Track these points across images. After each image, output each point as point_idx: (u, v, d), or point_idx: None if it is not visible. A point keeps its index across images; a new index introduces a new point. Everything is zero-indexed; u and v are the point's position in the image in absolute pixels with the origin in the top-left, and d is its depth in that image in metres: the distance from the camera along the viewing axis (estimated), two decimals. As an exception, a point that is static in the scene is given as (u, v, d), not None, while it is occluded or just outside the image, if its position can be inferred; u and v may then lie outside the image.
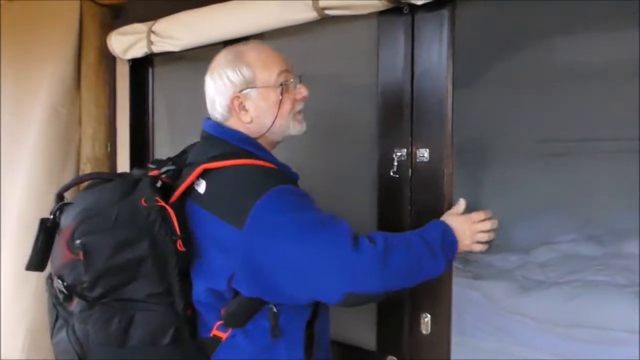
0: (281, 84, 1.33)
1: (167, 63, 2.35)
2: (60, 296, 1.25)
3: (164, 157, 1.43)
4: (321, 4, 1.60)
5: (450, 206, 1.51)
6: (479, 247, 1.37)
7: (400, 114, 1.59)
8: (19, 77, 2.43)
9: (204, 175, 1.25)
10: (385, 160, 1.62)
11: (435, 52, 1.54)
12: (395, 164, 1.58)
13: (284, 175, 1.29)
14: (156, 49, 2.10)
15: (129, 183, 1.26)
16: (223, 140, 1.32)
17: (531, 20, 3.16)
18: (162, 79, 2.39)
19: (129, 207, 1.20)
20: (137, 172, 1.38)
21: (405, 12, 1.55)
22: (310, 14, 1.64)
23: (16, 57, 2.46)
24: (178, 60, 2.26)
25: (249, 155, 1.29)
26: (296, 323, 1.31)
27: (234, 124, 1.35)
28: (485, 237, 1.36)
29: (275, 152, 1.41)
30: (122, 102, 2.38)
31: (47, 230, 1.30)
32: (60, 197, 1.35)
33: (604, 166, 4.09)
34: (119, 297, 1.20)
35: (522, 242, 3.95)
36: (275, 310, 1.25)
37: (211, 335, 1.28)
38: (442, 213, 1.49)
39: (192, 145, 1.45)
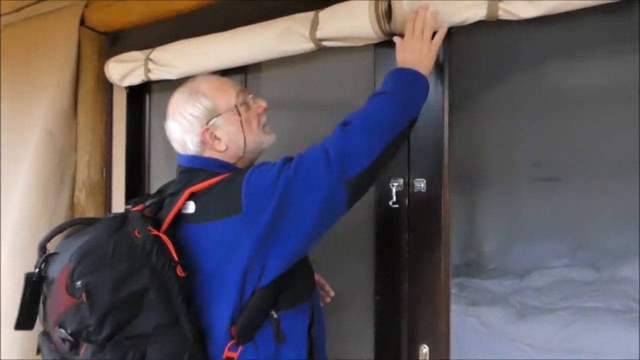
0: (241, 103, 1.35)
1: (164, 91, 2.36)
2: (66, 346, 1.20)
3: (159, 184, 1.45)
4: (318, 35, 1.62)
5: (448, 236, 1.52)
6: (434, 50, 1.38)
7: (397, 144, 1.60)
8: (17, 102, 2.44)
9: (192, 198, 1.26)
10: (383, 191, 1.62)
11: (431, 82, 1.55)
12: (394, 194, 1.59)
13: None
14: (153, 76, 2.11)
15: (117, 219, 1.26)
16: (202, 170, 1.33)
17: (525, 47, 3.20)
18: (159, 107, 2.40)
19: (124, 240, 1.19)
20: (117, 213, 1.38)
21: (401, 44, 1.56)
22: (307, 45, 1.66)
23: (14, 82, 2.48)
24: (175, 88, 2.26)
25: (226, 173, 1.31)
26: (298, 327, 1.31)
27: (210, 155, 1.35)
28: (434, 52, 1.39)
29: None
30: (119, 129, 2.38)
31: (34, 285, 1.27)
32: (43, 248, 1.32)
33: (597, 190, 4.11)
34: (128, 335, 1.18)
35: (517, 267, 3.95)
36: (276, 316, 1.26)
37: (223, 357, 1.27)
38: (440, 243, 1.50)
39: (168, 183, 1.45)
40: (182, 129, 1.33)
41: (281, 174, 1.19)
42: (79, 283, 1.15)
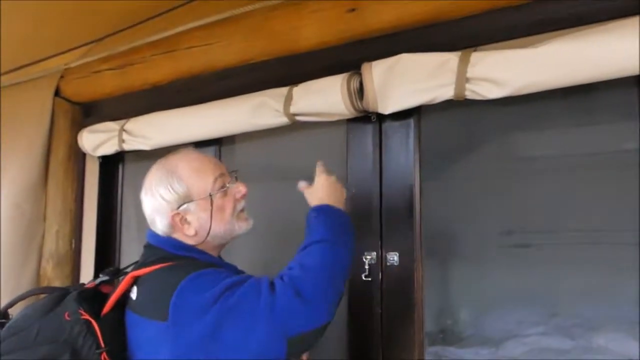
0: (218, 190, 1.30)
1: (137, 160, 2.36)
2: None
3: (130, 256, 1.43)
4: (292, 110, 1.65)
5: (421, 310, 1.51)
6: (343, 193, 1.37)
7: (369, 217, 1.61)
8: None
9: (136, 282, 1.25)
10: (356, 264, 1.61)
11: (403, 157, 1.58)
12: (367, 267, 1.58)
13: (208, 265, 1.26)
14: (127, 147, 2.12)
15: (55, 298, 1.25)
16: (159, 249, 1.31)
17: (494, 120, 3.30)
18: (132, 176, 2.39)
19: (51, 323, 1.19)
20: (79, 286, 1.35)
21: (373, 120, 1.60)
22: (281, 119, 1.69)
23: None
24: (149, 158, 2.26)
25: (178, 258, 1.27)
26: None
27: (178, 236, 1.31)
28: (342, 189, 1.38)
29: (241, 252, 1.40)
30: (90, 199, 2.36)
31: None
32: (3, 314, 1.32)
33: (569, 257, 4.15)
34: None
35: (493, 335, 3.90)
36: None
37: None
38: (413, 317, 1.49)
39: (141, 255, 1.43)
40: (153, 207, 1.30)
41: (218, 300, 1.11)
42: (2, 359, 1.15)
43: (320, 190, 1.35)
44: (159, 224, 1.30)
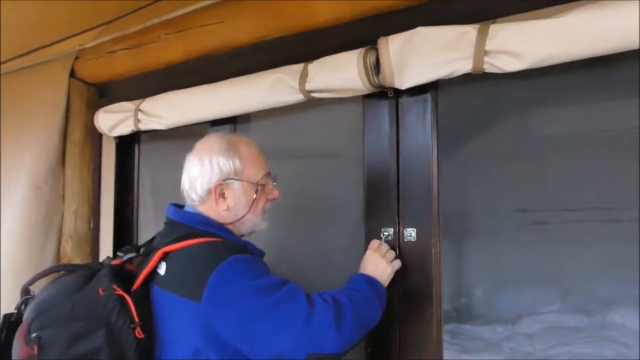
0: (262, 184, 1.38)
1: (153, 140, 2.37)
2: None
3: (148, 235, 1.45)
4: (308, 87, 1.64)
5: (439, 287, 1.51)
6: (391, 271, 1.44)
7: (386, 193, 1.61)
8: (5, 154, 2.43)
9: (164, 258, 1.27)
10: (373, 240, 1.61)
11: (420, 134, 1.57)
12: (384, 242, 1.58)
13: (241, 248, 1.30)
14: (143, 127, 2.12)
15: (87, 274, 1.28)
16: (183, 224, 1.34)
17: (511, 96, 3.27)
18: (148, 156, 2.40)
19: (85, 298, 1.21)
20: (107, 260, 1.39)
21: (389, 95, 1.59)
22: (297, 97, 1.68)
23: (3, 133, 2.46)
24: (164, 138, 2.28)
25: (207, 235, 1.31)
26: None
27: (206, 209, 1.37)
28: (394, 264, 1.46)
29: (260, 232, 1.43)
30: (107, 179, 2.38)
31: (11, 325, 1.30)
32: (26, 291, 1.35)
33: (585, 234, 4.13)
34: None
35: (508, 313, 3.92)
36: None
37: None
38: (431, 293, 1.49)
39: (157, 234, 1.45)
40: (202, 171, 1.35)
41: (258, 294, 1.17)
42: (33, 335, 1.17)
43: (368, 263, 1.44)
44: (199, 188, 1.35)
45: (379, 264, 1.42)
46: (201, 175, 1.35)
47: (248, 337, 1.16)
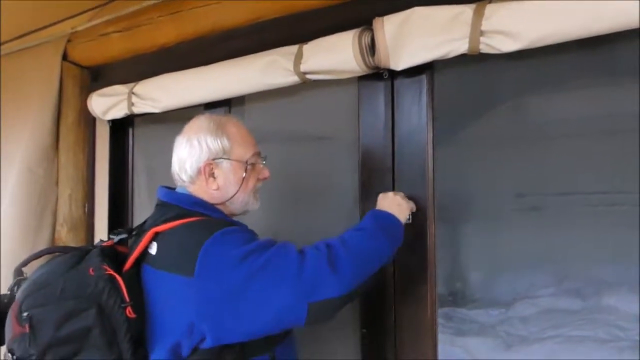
0: (251, 163, 1.38)
1: (147, 124, 2.35)
2: None
3: (142, 218, 1.44)
4: (303, 68, 1.62)
5: (434, 269, 1.51)
6: (407, 206, 1.46)
7: (382, 176, 1.61)
8: (-1, 137, 2.41)
9: (155, 238, 1.28)
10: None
11: (415, 116, 1.56)
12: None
13: (229, 224, 1.30)
14: (137, 110, 2.10)
15: (79, 255, 1.28)
16: (175, 206, 1.34)
17: (508, 80, 3.25)
18: (142, 140, 2.39)
19: (76, 278, 1.22)
20: (99, 243, 1.39)
21: (385, 77, 1.58)
22: (291, 78, 1.66)
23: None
24: (158, 121, 2.26)
25: (198, 215, 1.31)
26: None
27: (197, 189, 1.37)
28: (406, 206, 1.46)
29: (254, 213, 1.43)
30: (102, 163, 2.37)
31: (4, 306, 1.30)
32: (19, 272, 1.36)
33: (581, 219, 4.13)
34: None
35: (503, 296, 3.92)
36: None
37: None
38: (426, 276, 1.49)
39: (150, 217, 1.45)
40: (191, 151, 1.35)
41: (247, 258, 1.16)
42: (25, 314, 1.19)
43: (383, 200, 1.45)
44: (188, 168, 1.35)
45: (394, 199, 1.44)
46: (190, 156, 1.35)
47: (246, 303, 1.16)
